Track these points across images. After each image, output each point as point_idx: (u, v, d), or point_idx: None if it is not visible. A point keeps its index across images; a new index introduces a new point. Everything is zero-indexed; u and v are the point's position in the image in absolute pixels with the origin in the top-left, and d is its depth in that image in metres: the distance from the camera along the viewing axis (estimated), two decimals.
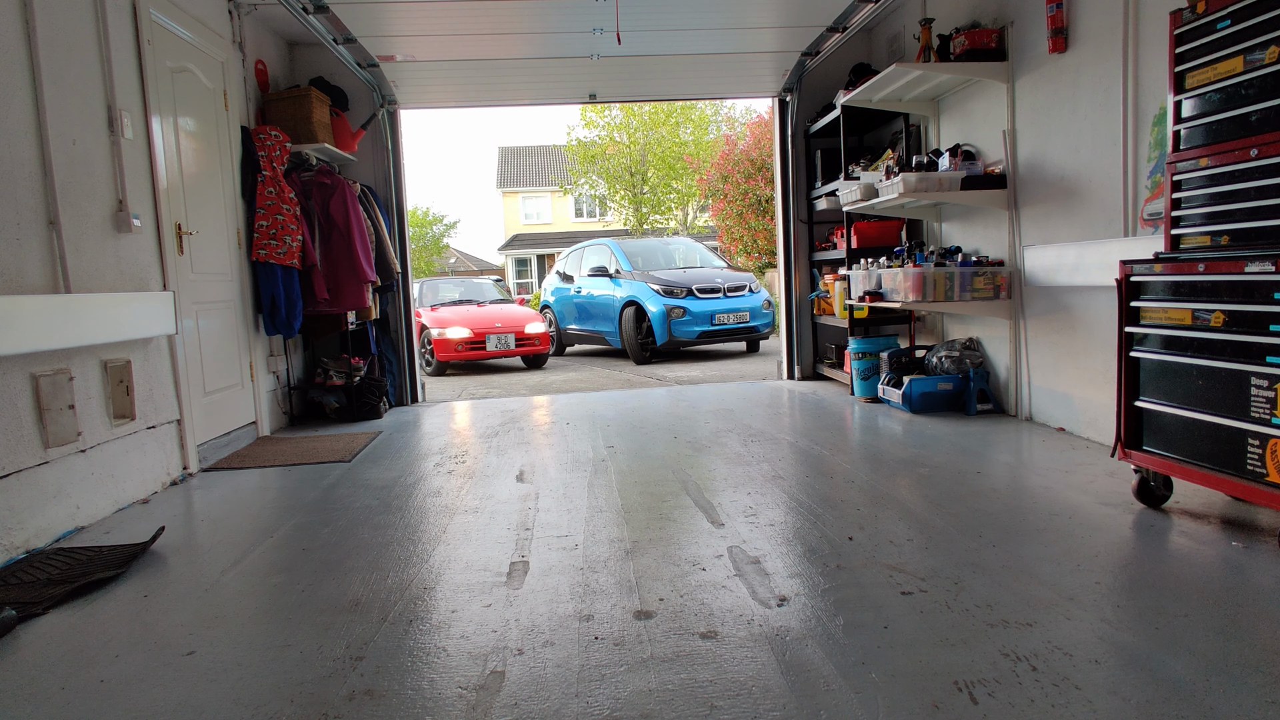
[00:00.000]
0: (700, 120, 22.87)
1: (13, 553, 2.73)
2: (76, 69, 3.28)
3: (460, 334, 9.06)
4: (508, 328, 9.22)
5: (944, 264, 4.51)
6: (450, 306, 10.17)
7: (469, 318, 9.45)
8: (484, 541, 2.76)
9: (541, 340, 9.40)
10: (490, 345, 9.06)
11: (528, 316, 9.75)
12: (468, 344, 9.05)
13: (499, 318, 9.47)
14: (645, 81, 6.51)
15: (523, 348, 9.31)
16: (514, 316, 9.67)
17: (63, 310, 3.01)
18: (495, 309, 10.09)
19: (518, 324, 9.37)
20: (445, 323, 9.28)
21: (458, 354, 9.07)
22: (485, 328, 9.15)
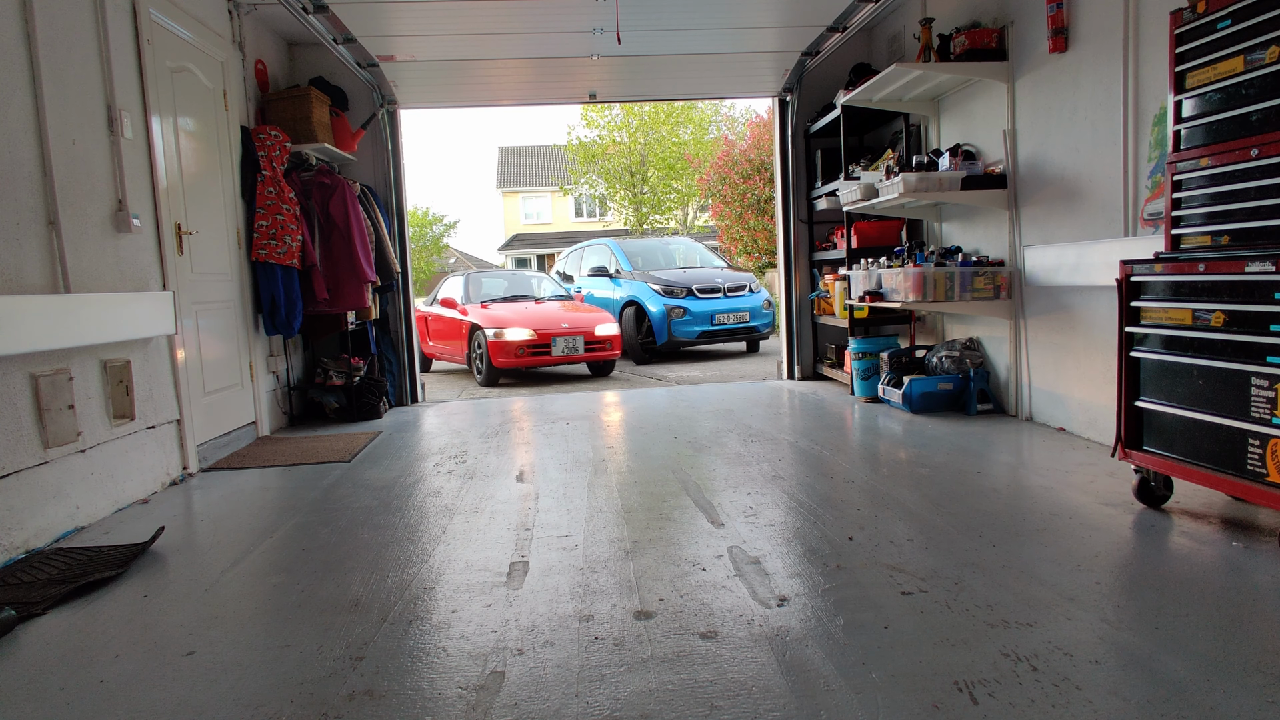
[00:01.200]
0: (700, 120, 22.87)
1: (12, 553, 2.72)
2: (76, 69, 3.28)
3: (521, 336, 7.63)
4: (576, 329, 7.88)
5: (944, 264, 4.51)
6: (503, 303, 8.78)
7: (530, 317, 8.08)
8: (484, 542, 2.76)
9: (614, 344, 8.07)
10: (557, 349, 7.68)
11: (597, 316, 8.37)
12: (530, 348, 7.65)
13: (565, 317, 8.11)
14: (645, 81, 6.51)
15: (592, 352, 7.92)
16: (581, 315, 8.32)
17: (62, 310, 3.00)
18: (556, 307, 8.73)
19: (587, 325, 8.03)
20: (503, 322, 7.85)
21: (518, 360, 7.63)
22: (550, 328, 7.79)
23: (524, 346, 7.66)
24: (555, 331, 7.79)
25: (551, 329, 7.82)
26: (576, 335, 7.84)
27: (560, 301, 9.15)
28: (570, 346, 7.76)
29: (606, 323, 8.17)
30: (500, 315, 8.07)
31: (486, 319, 7.97)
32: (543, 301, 9.10)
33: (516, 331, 7.71)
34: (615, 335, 8.13)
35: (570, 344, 7.77)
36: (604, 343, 8.02)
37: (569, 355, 7.77)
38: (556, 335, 7.75)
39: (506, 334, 7.68)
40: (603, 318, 8.30)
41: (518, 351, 7.61)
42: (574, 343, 7.78)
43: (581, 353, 7.85)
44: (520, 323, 7.85)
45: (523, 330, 7.72)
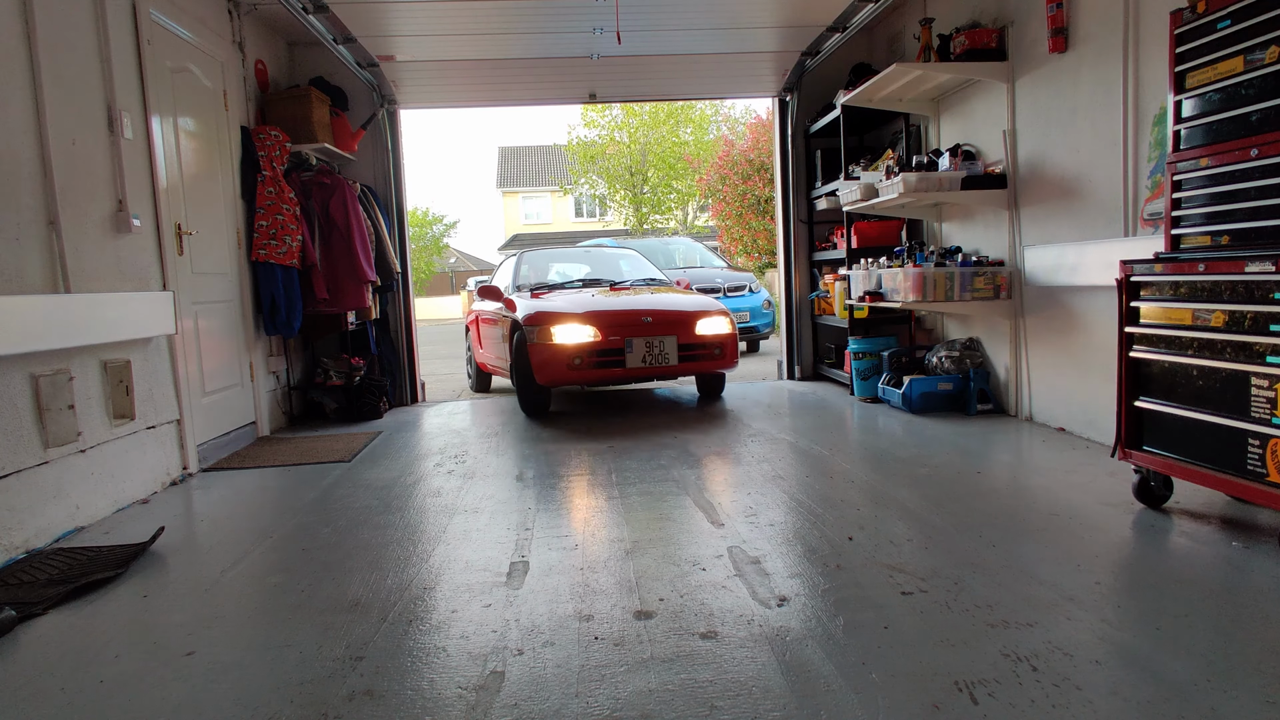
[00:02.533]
0: (700, 120, 22.87)
1: (12, 553, 2.72)
2: (76, 69, 3.28)
3: (577, 336, 5.12)
4: (663, 324, 5.25)
5: (944, 264, 4.50)
6: (566, 294, 6.03)
7: (595, 307, 5.41)
8: (484, 541, 2.76)
9: (725, 349, 5.39)
10: (633, 357, 5.13)
11: (699, 306, 5.58)
12: (592, 355, 5.09)
13: (648, 309, 5.45)
14: (645, 81, 6.51)
15: (692, 361, 5.28)
16: (675, 305, 5.57)
17: (62, 310, 3.00)
18: (643, 295, 5.95)
19: (681, 319, 5.33)
20: (549, 317, 5.22)
21: (573, 373, 5.10)
22: (623, 323, 5.21)
23: (582, 353, 5.04)
24: (631, 328, 5.15)
25: (625, 324, 5.17)
26: (667, 335, 5.16)
27: (652, 287, 6.37)
28: (656, 353, 5.13)
29: (713, 317, 5.40)
30: (550, 306, 5.42)
31: (530, 312, 5.34)
32: (626, 288, 6.28)
33: (570, 329, 5.09)
34: (727, 335, 5.36)
35: (656, 349, 5.13)
36: (710, 346, 5.30)
37: (654, 366, 5.15)
38: (633, 336, 5.11)
39: (555, 333, 5.07)
40: (707, 308, 5.52)
41: (572, 360, 5.03)
42: (661, 346, 5.12)
43: (674, 362, 5.18)
44: (577, 316, 5.20)
45: (580, 327, 5.11)
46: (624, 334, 5.10)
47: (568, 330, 5.10)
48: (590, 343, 5.07)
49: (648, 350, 5.12)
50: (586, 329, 5.11)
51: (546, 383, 5.15)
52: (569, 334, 5.08)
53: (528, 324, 5.20)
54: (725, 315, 5.49)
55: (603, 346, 5.07)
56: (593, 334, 5.09)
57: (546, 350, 5.06)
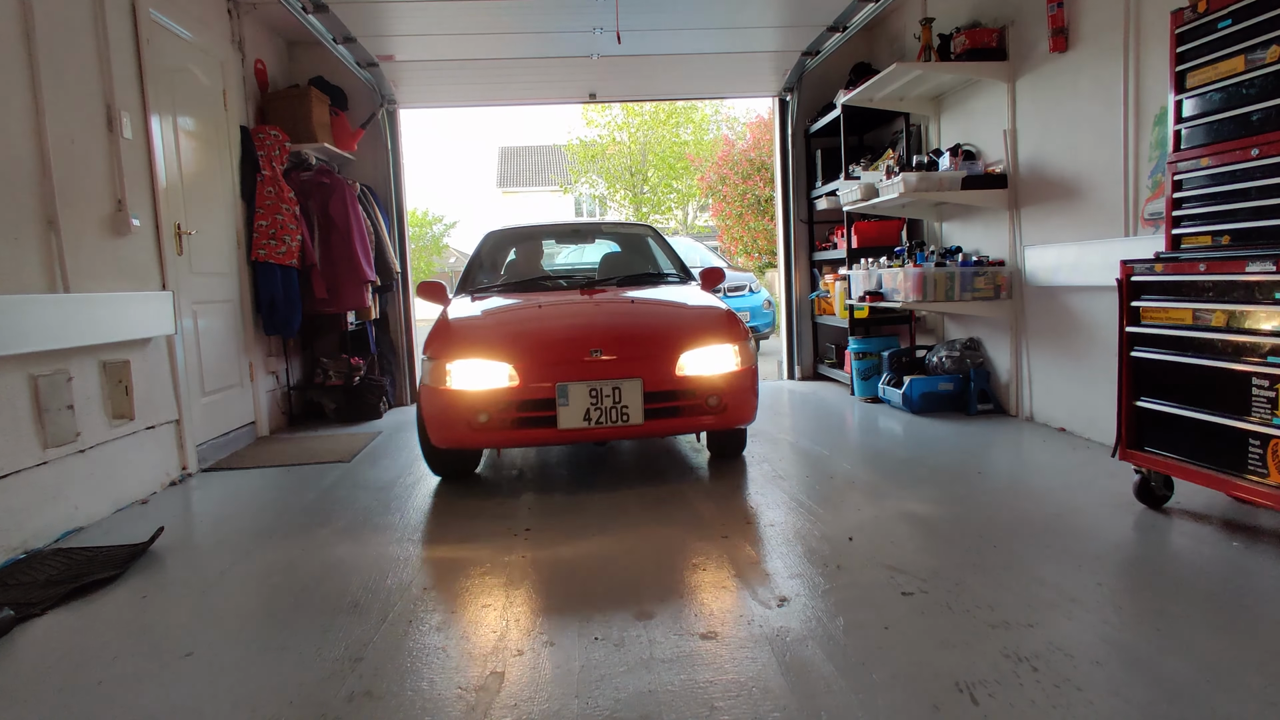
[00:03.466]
0: (700, 120, 22.87)
1: (11, 553, 2.72)
2: (75, 68, 3.28)
3: (483, 378, 3.29)
4: (622, 358, 3.30)
5: (944, 264, 4.50)
6: (509, 299, 4.03)
7: (515, 328, 3.65)
8: (484, 541, 2.75)
9: (728, 397, 3.38)
10: (568, 414, 3.20)
11: (689, 327, 3.56)
12: (507, 408, 3.25)
13: (603, 330, 3.46)
14: (645, 81, 6.50)
15: (669, 417, 3.33)
16: (645, 326, 3.65)
17: (61, 310, 3.00)
18: (613, 304, 3.84)
19: (653, 349, 3.37)
20: (449, 345, 3.41)
21: (481, 434, 3.27)
22: (556, 355, 3.32)
23: (490, 405, 3.24)
24: (567, 366, 3.27)
25: (558, 359, 3.30)
26: (627, 378, 3.25)
27: (651, 284, 4.26)
28: (608, 405, 3.23)
29: (710, 343, 3.42)
30: (460, 325, 3.60)
31: (430, 335, 3.57)
32: (605, 288, 4.07)
33: (473, 367, 3.30)
34: (734, 375, 3.41)
35: (608, 399, 3.23)
36: (701, 394, 3.34)
37: (603, 427, 3.24)
38: (571, 379, 3.23)
39: (451, 372, 3.31)
40: (702, 329, 3.50)
41: (475, 416, 3.23)
42: (616, 396, 3.23)
43: (638, 420, 3.24)
44: (484, 345, 3.37)
45: (487, 365, 3.29)
46: (556, 374, 3.15)
47: (469, 369, 3.21)
48: (504, 390, 3.15)
49: (594, 402, 3.13)
50: (498, 367, 3.18)
51: (445, 444, 3.27)
52: (471, 374, 3.20)
53: (424, 354, 3.40)
54: (734, 340, 3.38)
55: (523, 396, 3.15)
56: (509, 375, 3.16)
57: (439, 398, 3.23)
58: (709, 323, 3.52)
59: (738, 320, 3.57)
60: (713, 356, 3.34)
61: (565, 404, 3.15)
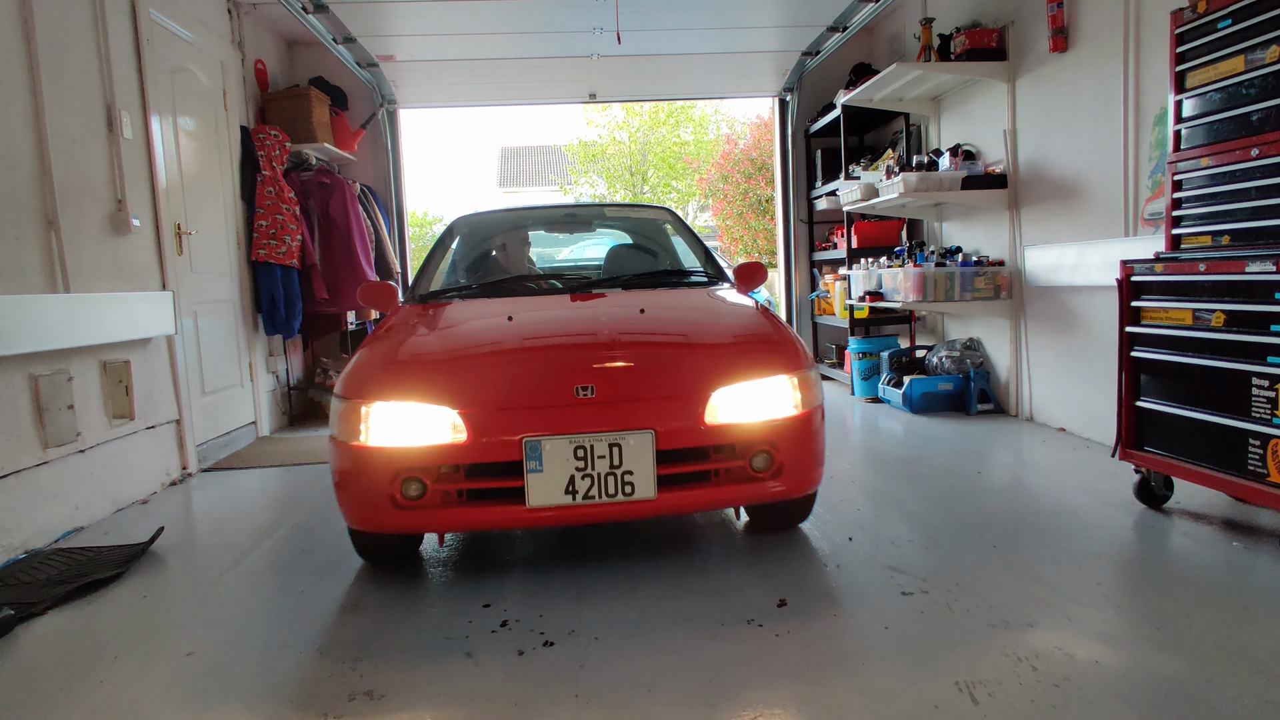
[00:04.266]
0: (700, 120, 22.87)
1: (12, 553, 2.72)
2: (75, 69, 3.28)
3: (416, 431, 2.14)
4: (624, 399, 2.17)
5: (944, 264, 4.50)
6: (474, 309, 2.80)
7: (466, 350, 2.46)
8: (484, 539, 2.75)
9: (782, 454, 2.24)
10: (543, 485, 2.08)
11: (726, 350, 2.38)
12: (450, 477, 2.14)
13: (601, 353, 2.29)
14: (645, 81, 6.50)
15: (694, 484, 2.18)
16: (672, 345, 2.44)
17: (61, 310, 3.00)
18: (614, 312, 2.68)
19: (672, 386, 2.22)
20: (368, 380, 2.27)
21: (412, 516, 2.14)
22: (526, 397, 2.18)
23: (426, 471, 2.14)
24: (543, 412, 2.15)
25: (531, 402, 2.18)
26: (632, 430, 2.11)
27: (666, 288, 3.13)
28: (603, 472, 2.10)
29: (760, 374, 2.28)
30: (399, 347, 2.53)
31: (357, 365, 2.39)
32: (606, 294, 2.96)
33: (401, 415, 2.18)
34: (790, 422, 2.27)
35: (603, 463, 2.10)
36: (744, 451, 2.23)
37: (597, 503, 2.12)
38: (546, 432, 2.10)
39: (372, 421, 2.19)
40: (749, 355, 2.37)
41: (404, 488, 2.14)
42: (615, 456, 2.10)
43: (648, 492, 2.11)
44: (418, 382, 2.25)
45: (422, 410, 2.17)
46: (526, 424, 2.13)
47: (394, 416, 2.19)
48: (447, 448, 2.14)
49: (582, 466, 2.11)
50: (436, 414, 2.16)
51: (361, 525, 2.27)
52: (397, 423, 2.18)
53: (335, 392, 2.33)
54: (791, 368, 2.34)
55: (475, 456, 2.14)
56: (453, 425, 2.14)
57: (351, 458, 2.21)
58: (754, 343, 2.41)
59: (796, 340, 2.45)
60: (760, 394, 2.23)
61: (538, 469, 2.05)
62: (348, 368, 2.38)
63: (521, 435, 2.10)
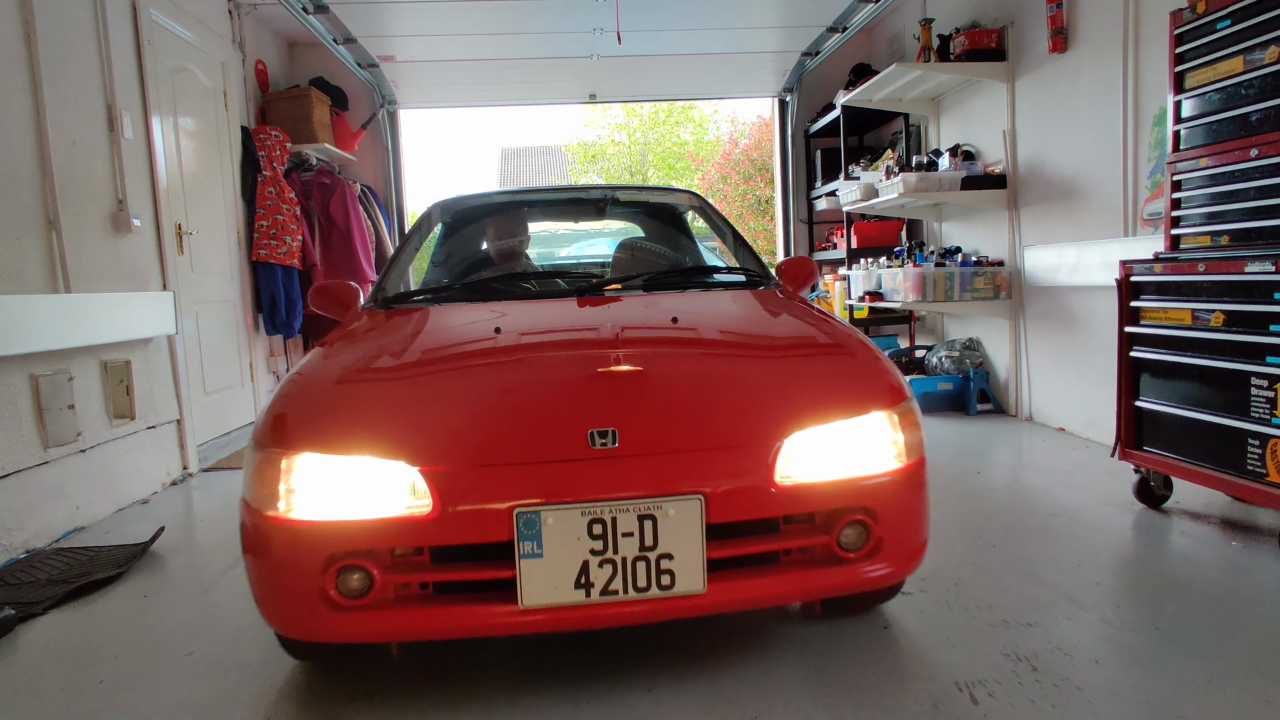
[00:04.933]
0: (701, 120, 22.88)
1: (12, 553, 2.72)
2: (76, 69, 3.28)
3: (368, 499, 1.49)
4: (655, 433, 1.56)
5: (944, 264, 4.50)
6: (458, 316, 2.20)
7: (464, 379, 1.77)
8: None
9: (879, 526, 1.60)
10: (539, 575, 1.45)
11: (811, 366, 1.81)
12: (409, 564, 1.52)
13: (641, 376, 1.67)
14: (645, 81, 6.51)
15: (761, 570, 1.58)
16: (723, 373, 1.77)
17: (62, 310, 3.00)
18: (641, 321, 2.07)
19: (737, 420, 1.59)
20: (298, 424, 1.62)
21: (350, 620, 1.50)
22: (521, 451, 1.52)
23: (374, 554, 1.50)
24: (547, 474, 1.50)
25: (528, 455, 1.52)
26: (668, 496, 1.47)
27: (699, 290, 2.48)
28: (635, 557, 1.47)
29: (847, 406, 1.65)
30: (342, 373, 1.85)
31: (283, 397, 1.79)
32: (631, 296, 2.30)
33: (340, 471, 1.52)
34: (903, 477, 1.64)
35: (630, 544, 1.47)
36: (828, 523, 1.61)
37: (621, 602, 1.48)
38: (547, 499, 1.47)
39: (291, 478, 1.52)
40: (828, 385, 1.72)
41: (344, 579, 1.50)
42: (649, 536, 1.47)
43: (695, 585, 1.48)
44: (387, 415, 1.61)
45: (379, 466, 1.50)
46: (517, 487, 1.49)
47: (329, 476, 1.54)
48: (404, 522, 1.49)
49: (599, 548, 1.49)
50: (390, 471, 1.52)
51: (283, 629, 1.61)
52: (333, 488, 1.53)
53: (252, 438, 1.68)
54: (887, 401, 1.69)
55: (445, 534, 1.50)
56: (411, 488, 1.50)
57: (269, 535, 1.54)
58: (834, 366, 1.82)
59: (886, 360, 1.83)
60: (850, 439, 1.63)
61: (536, 553, 1.46)
62: (269, 401, 1.77)
63: (512, 504, 1.46)
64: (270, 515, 1.53)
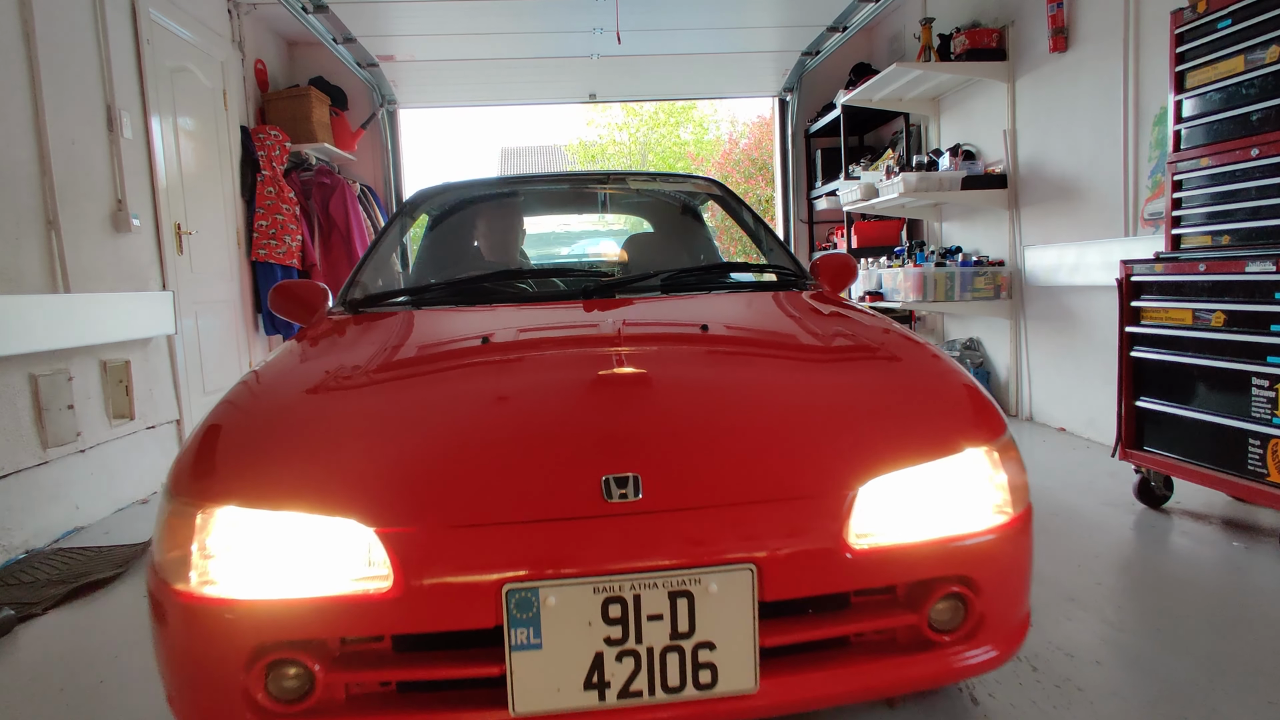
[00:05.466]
0: (701, 120, 22.90)
1: (12, 553, 2.72)
2: (76, 69, 3.28)
3: (309, 572, 1.15)
4: (691, 481, 1.20)
5: (944, 264, 4.50)
6: (441, 323, 1.87)
7: (440, 409, 1.37)
8: None
9: (997, 573, 1.28)
10: (538, 668, 1.12)
11: (884, 392, 1.42)
12: (364, 657, 1.16)
13: (670, 404, 1.34)
14: (645, 81, 6.51)
15: (799, 666, 1.20)
16: (775, 401, 1.37)
17: (62, 310, 3.00)
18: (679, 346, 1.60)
19: (796, 462, 1.25)
20: (254, 434, 1.33)
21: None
22: (521, 505, 1.16)
23: (317, 644, 1.15)
24: (550, 535, 1.15)
25: (525, 513, 1.16)
26: (710, 568, 1.13)
27: (750, 292, 2.14)
28: (665, 648, 1.13)
29: (935, 444, 1.29)
30: (284, 396, 1.52)
31: (206, 433, 1.36)
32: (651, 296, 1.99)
33: (273, 531, 1.16)
34: (1007, 535, 1.29)
35: (663, 632, 1.13)
36: (915, 595, 1.26)
37: (646, 709, 1.13)
38: (543, 576, 1.12)
39: (209, 541, 1.17)
40: (908, 416, 1.36)
41: (277, 675, 1.15)
42: (682, 618, 1.13)
43: (746, 682, 1.15)
44: (336, 456, 1.25)
45: (323, 525, 1.15)
46: (509, 560, 1.14)
47: (257, 539, 1.18)
48: (356, 601, 1.13)
49: (617, 640, 1.14)
50: (338, 534, 1.16)
51: None
52: (263, 555, 1.17)
53: (165, 483, 1.28)
54: (982, 435, 1.34)
55: (412, 623, 1.14)
56: (366, 559, 1.15)
57: (181, 615, 1.20)
58: (913, 391, 1.46)
59: (976, 383, 1.50)
60: (939, 486, 1.30)
61: (533, 643, 1.14)
62: (189, 437, 1.37)
63: (501, 577, 1.12)
64: (180, 590, 1.16)
